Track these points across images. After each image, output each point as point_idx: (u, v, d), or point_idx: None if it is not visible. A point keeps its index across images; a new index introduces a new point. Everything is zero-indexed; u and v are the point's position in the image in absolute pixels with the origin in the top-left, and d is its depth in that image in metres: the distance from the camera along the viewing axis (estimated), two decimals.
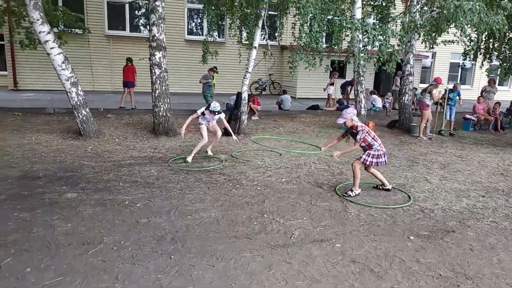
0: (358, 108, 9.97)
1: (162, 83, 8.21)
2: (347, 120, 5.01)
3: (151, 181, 5.32)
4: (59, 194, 4.65)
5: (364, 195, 5.10)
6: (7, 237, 3.51)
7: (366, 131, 4.96)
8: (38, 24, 7.11)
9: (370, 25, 8.60)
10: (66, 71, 7.51)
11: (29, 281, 2.84)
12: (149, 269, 3.08)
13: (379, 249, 3.61)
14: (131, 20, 16.21)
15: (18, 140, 7.29)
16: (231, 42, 13.55)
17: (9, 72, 14.87)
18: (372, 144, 4.97)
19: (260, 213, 4.31)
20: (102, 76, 15.67)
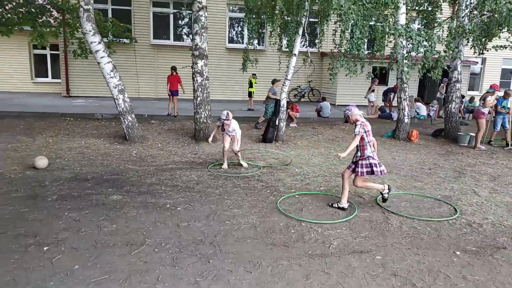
0: (401, 116, 9.66)
1: (203, 91, 8.42)
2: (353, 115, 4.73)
3: (191, 185, 5.45)
4: (105, 195, 4.89)
5: (407, 206, 4.92)
6: (58, 235, 3.73)
7: (365, 129, 4.56)
8: (90, 35, 7.56)
9: (415, 31, 8.33)
10: (114, 79, 7.90)
11: (77, 278, 3.00)
12: (188, 272, 3.15)
13: (422, 263, 3.46)
14: (175, 29, 16.79)
15: (69, 144, 7.74)
16: (271, 49, 13.67)
17: (62, 80, 15.87)
18: (365, 148, 4.54)
19: (298, 221, 4.28)
20: (146, 83, 16.32)
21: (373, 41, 9.99)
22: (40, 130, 8.81)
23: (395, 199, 5.20)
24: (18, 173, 5.70)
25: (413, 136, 9.50)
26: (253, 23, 9.61)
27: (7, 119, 9.86)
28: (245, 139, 9.01)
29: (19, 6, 10.42)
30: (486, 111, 8.88)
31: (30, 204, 4.48)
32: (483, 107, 8.83)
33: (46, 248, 3.44)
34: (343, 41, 8.52)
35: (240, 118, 11.75)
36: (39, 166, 5.94)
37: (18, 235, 3.68)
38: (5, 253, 3.34)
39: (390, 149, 8.62)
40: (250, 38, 9.86)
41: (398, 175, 6.46)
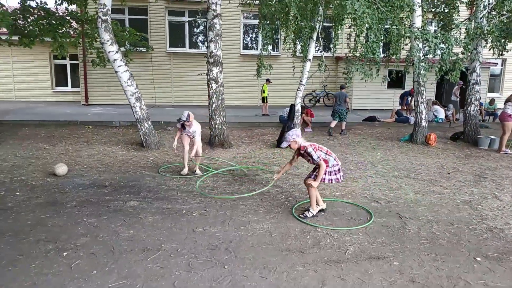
0: (419, 120, 9.51)
1: (218, 97, 8.49)
2: (291, 143, 4.44)
3: (206, 191, 5.49)
4: (123, 202, 4.97)
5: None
6: (77, 240, 3.81)
7: (318, 149, 4.43)
8: (108, 45, 7.75)
9: (431, 33, 8.22)
10: (131, 87, 8.06)
11: (95, 283, 3.06)
12: (204, 277, 3.17)
13: (441, 269, 3.38)
14: (190, 37, 17.04)
15: (88, 151, 7.91)
16: (285, 55, 13.70)
17: (81, 88, 16.28)
18: (327, 159, 4.42)
19: (313, 227, 4.25)
20: (163, 91, 16.57)
21: (389, 44, 9.90)
22: (60, 138, 9.04)
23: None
24: (39, 180, 5.85)
25: (431, 139, 9.33)
26: (267, 29, 9.66)
27: (29, 127, 10.16)
28: (260, 144, 9.03)
29: (40, 18, 10.76)
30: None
31: (50, 210, 4.59)
32: (511, 109, 8.55)
33: (65, 254, 3.52)
34: (358, 45, 8.48)
35: (255, 123, 11.81)
36: (59, 173, 6.09)
37: (38, 241, 3.78)
38: (26, 258, 3.43)
39: (407, 153, 8.48)
40: (265, 44, 9.92)
41: (416, 179, 6.35)
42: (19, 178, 5.91)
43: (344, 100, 10.61)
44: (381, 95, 16.21)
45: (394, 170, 6.93)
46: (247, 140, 9.57)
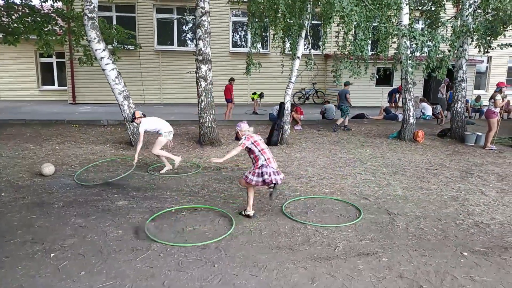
0: (407, 117, 9.61)
1: (207, 95, 8.45)
2: (242, 130, 4.56)
3: (196, 190, 5.47)
4: (111, 201, 4.91)
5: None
6: (65, 241, 3.76)
7: (251, 141, 4.35)
8: (95, 42, 7.64)
9: (418, 31, 8.30)
10: (119, 85, 7.97)
11: (83, 284, 3.02)
12: (193, 276, 3.16)
13: (429, 264, 3.43)
14: (178, 35, 16.91)
15: (75, 150, 7.81)
16: (274, 53, 13.71)
17: (68, 87, 16.04)
18: (258, 158, 4.30)
19: (303, 224, 4.27)
20: (151, 89, 16.43)
21: (377, 42, 9.96)
22: (47, 138, 8.90)
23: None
24: (25, 180, 5.75)
25: (419, 136, 9.44)
26: (256, 27, 9.63)
27: (15, 127, 9.98)
28: None
29: (25, 15, 10.54)
30: (497, 111, 8.79)
31: (37, 211, 4.52)
32: (494, 106, 8.73)
33: (52, 255, 3.47)
34: (346, 42, 8.51)
35: (249, 122, 11.78)
36: (45, 173, 5.99)
37: (25, 242, 3.72)
38: (13, 259, 3.37)
39: (395, 150, 8.57)
40: (254, 42, 9.89)
41: (404, 176, 6.42)
42: (4, 179, 5.80)
43: (345, 97, 10.73)
44: (369, 92, 16.34)
45: (382, 167, 7.00)
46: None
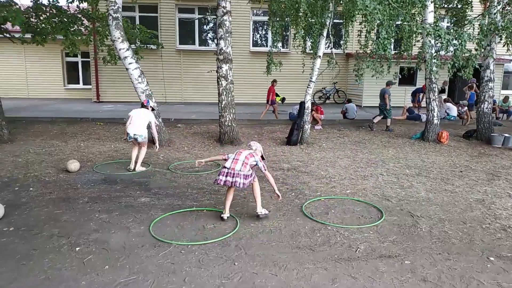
0: (430, 117, 9.40)
1: (228, 94, 8.49)
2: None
3: (216, 188, 5.50)
4: (134, 198, 5.01)
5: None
6: (90, 236, 3.85)
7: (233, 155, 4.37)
8: (119, 42, 7.80)
9: (444, 29, 8.10)
10: (142, 84, 8.11)
11: (107, 278, 3.09)
12: (214, 274, 3.18)
13: (454, 269, 3.34)
14: (200, 34, 17.06)
15: (99, 148, 8.00)
16: (295, 52, 13.65)
17: (93, 86, 16.44)
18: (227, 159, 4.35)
19: (324, 225, 4.24)
20: (173, 88, 16.65)
21: (400, 40, 9.78)
22: (72, 135, 9.15)
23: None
24: (52, 176, 5.93)
25: (443, 137, 9.21)
26: (277, 26, 9.62)
27: (42, 124, 10.30)
28: (269, 142, 9.02)
29: (52, 16, 10.86)
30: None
31: (63, 206, 4.65)
32: None
33: (78, 249, 3.57)
34: (369, 41, 8.39)
35: (264, 121, 11.79)
36: (71, 169, 6.16)
37: (52, 235, 3.84)
38: (40, 252, 3.48)
39: (419, 151, 8.39)
40: (274, 41, 9.89)
41: (427, 177, 6.28)
42: (32, 174, 6.00)
43: (383, 96, 10.58)
44: (392, 92, 16.03)
45: (405, 168, 6.86)
46: (256, 137, 9.56)
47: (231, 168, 4.18)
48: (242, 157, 4.27)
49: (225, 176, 4.17)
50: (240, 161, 4.23)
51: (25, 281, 3.02)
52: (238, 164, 4.20)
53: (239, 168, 4.18)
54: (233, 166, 4.19)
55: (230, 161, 4.26)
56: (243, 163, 4.21)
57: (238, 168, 4.17)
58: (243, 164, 4.21)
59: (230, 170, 4.17)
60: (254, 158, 4.33)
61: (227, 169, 4.19)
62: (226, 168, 4.20)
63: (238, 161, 4.22)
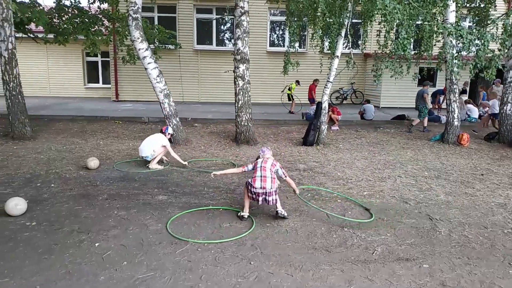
0: (451, 119, 9.20)
1: (244, 94, 8.52)
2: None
3: (232, 187, 5.53)
4: (151, 196, 5.08)
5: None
6: (108, 232, 3.93)
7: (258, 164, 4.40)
8: (138, 42, 7.92)
9: (466, 29, 7.92)
10: (160, 84, 8.21)
11: (125, 273, 3.15)
12: (230, 272, 3.20)
13: (474, 274, 3.27)
14: (217, 35, 17.16)
15: (118, 146, 8.14)
16: (312, 52, 13.56)
17: (112, 85, 16.74)
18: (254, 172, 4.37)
19: (340, 226, 4.21)
20: (190, 88, 16.79)
21: (420, 40, 9.61)
22: (92, 133, 9.34)
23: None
24: (72, 173, 6.07)
25: (464, 139, 9.01)
26: (294, 26, 9.59)
27: (63, 122, 10.55)
28: (285, 142, 9.00)
29: (74, 17, 11.13)
30: None
31: (83, 202, 4.76)
32: None
33: (97, 244, 3.64)
34: (388, 41, 8.28)
35: (281, 121, 11.78)
36: (91, 166, 6.30)
37: (72, 231, 3.93)
38: (61, 247, 3.57)
39: (438, 153, 8.24)
40: (292, 41, 9.85)
41: (447, 180, 6.16)
42: (54, 171, 6.15)
43: (422, 96, 10.46)
44: (411, 92, 15.75)
45: (424, 170, 6.75)
46: (272, 137, 9.57)
47: (262, 187, 4.15)
48: (268, 173, 4.24)
49: (261, 196, 4.17)
50: (268, 178, 4.20)
51: (47, 275, 3.10)
52: (267, 182, 4.18)
53: (270, 186, 4.17)
54: (263, 185, 4.15)
55: (258, 180, 4.17)
56: (272, 179, 4.22)
57: (269, 187, 4.17)
58: (272, 181, 4.21)
59: (263, 190, 4.15)
60: (276, 167, 4.36)
61: (260, 190, 4.15)
62: (258, 189, 4.15)
63: (267, 179, 4.19)
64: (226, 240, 3.79)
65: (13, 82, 8.17)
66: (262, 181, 4.18)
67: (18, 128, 8.33)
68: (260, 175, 4.23)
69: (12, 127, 8.36)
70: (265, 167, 4.29)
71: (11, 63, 8.05)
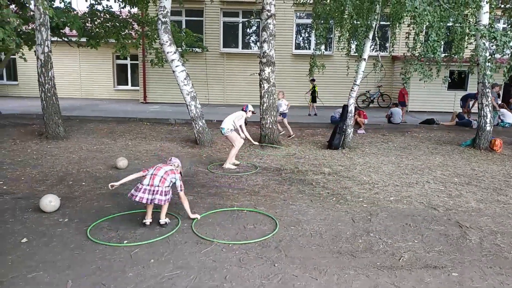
0: (483, 124, 8.89)
1: (270, 97, 8.55)
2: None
3: (256, 189, 5.56)
4: (178, 196, 5.16)
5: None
6: (136, 230, 4.04)
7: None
8: (167, 45, 8.10)
9: (500, 31, 7.65)
10: (187, 86, 8.36)
11: (152, 271, 3.23)
12: (254, 274, 3.22)
13: (507, 284, 3.15)
14: (243, 38, 17.29)
15: (146, 147, 8.34)
16: (339, 54, 13.45)
17: (140, 87, 17.16)
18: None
19: (366, 231, 4.15)
20: (215, 90, 16.98)
21: (451, 43, 9.35)
22: (121, 134, 9.61)
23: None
24: (102, 172, 6.27)
25: (497, 145, 8.68)
26: (321, 28, 9.54)
27: (93, 123, 10.90)
28: (310, 145, 8.96)
29: (106, 21, 11.52)
30: None
31: (112, 201, 4.90)
32: None
33: (125, 242, 3.75)
34: (417, 44, 8.10)
35: (305, 124, 11.72)
36: (120, 166, 6.49)
37: (102, 228, 4.06)
38: (91, 244, 3.70)
39: (469, 159, 7.97)
40: (318, 44, 9.81)
41: (478, 187, 5.95)
42: (85, 170, 6.38)
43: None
44: (440, 96, 15.38)
45: (454, 177, 6.55)
46: (297, 140, 9.54)
47: (149, 185, 4.01)
48: (161, 172, 4.11)
49: (143, 192, 3.99)
50: (158, 176, 4.07)
51: (78, 270, 3.22)
52: (156, 179, 4.04)
53: (157, 183, 4.02)
54: (151, 183, 4.02)
55: (148, 177, 4.06)
56: (162, 179, 4.06)
57: (157, 183, 4.02)
58: (161, 180, 4.06)
59: (148, 187, 4.01)
60: (175, 175, 4.17)
61: (144, 186, 4.01)
62: (144, 185, 4.02)
63: (156, 176, 4.06)
64: (251, 241, 3.81)
65: (48, 84, 8.53)
66: (151, 179, 4.04)
67: (52, 128, 8.68)
68: (151, 173, 4.10)
69: (47, 127, 8.72)
70: (160, 168, 4.15)
71: (46, 65, 8.41)
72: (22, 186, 5.47)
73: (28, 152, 7.57)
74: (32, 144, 8.24)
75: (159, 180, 4.05)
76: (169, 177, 4.13)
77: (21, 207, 4.64)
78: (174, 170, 4.24)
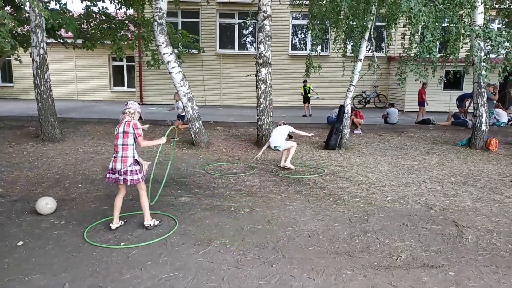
0: (478, 123, 8.94)
1: (266, 98, 8.56)
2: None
3: (254, 190, 5.56)
4: (175, 197, 5.17)
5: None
6: (133, 232, 4.02)
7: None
8: (163, 47, 8.09)
9: (495, 31, 7.70)
10: (184, 88, 8.35)
11: (149, 273, 3.22)
12: (252, 274, 3.22)
13: (503, 283, 3.17)
14: (239, 39, 17.30)
15: (142, 148, 8.30)
16: (335, 55, 13.49)
17: (136, 88, 17.14)
18: None
19: (363, 231, 4.16)
20: (212, 91, 16.98)
21: (446, 43, 9.40)
22: None
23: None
24: (98, 174, 6.25)
25: (492, 145, 8.73)
26: (317, 29, 9.56)
27: (89, 124, 10.87)
28: (306, 146, 8.97)
29: (101, 22, 11.48)
30: None
31: (109, 203, 4.88)
32: None
33: (122, 244, 3.73)
34: (413, 44, 8.15)
35: (302, 124, 11.73)
36: None
37: (99, 230, 4.04)
38: (88, 246, 3.68)
39: (465, 158, 8.01)
40: (314, 45, 9.83)
41: (474, 186, 5.98)
42: (81, 172, 6.35)
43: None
44: (436, 96, 15.45)
45: (450, 176, 6.58)
46: (294, 141, 9.54)
47: (113, 169, 3.82)
48: (120, 140, 3.74)
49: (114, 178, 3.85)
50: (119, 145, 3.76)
51: (75, 272, 3.21)
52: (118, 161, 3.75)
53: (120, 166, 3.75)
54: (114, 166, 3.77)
55: (112, 161, 3.80)
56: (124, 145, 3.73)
57: (120, 167, 3.75)
58: (123, 147, 3.75)
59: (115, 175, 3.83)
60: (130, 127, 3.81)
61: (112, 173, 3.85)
62: (110, 171, 3.88)
63: (118, 147, 3.76)
64: (247, 242, 3.81)
65: (44, 86, 8.49)
66: (113, 162, 3.78)
67: (48, 130, 8.64)
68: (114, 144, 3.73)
69: (43, 129, 8.68)
70: (119, 132, 3.77)
71: (42, 67, 8.37)
72: (18, 189, 5.44)
73: (24, 154, 7.53)
74: (28, 146, 8.20)
75: (121, 149, 3.77)
76: (129, 134, 3.80)
77: (17, 209, 4.62)
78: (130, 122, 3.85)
